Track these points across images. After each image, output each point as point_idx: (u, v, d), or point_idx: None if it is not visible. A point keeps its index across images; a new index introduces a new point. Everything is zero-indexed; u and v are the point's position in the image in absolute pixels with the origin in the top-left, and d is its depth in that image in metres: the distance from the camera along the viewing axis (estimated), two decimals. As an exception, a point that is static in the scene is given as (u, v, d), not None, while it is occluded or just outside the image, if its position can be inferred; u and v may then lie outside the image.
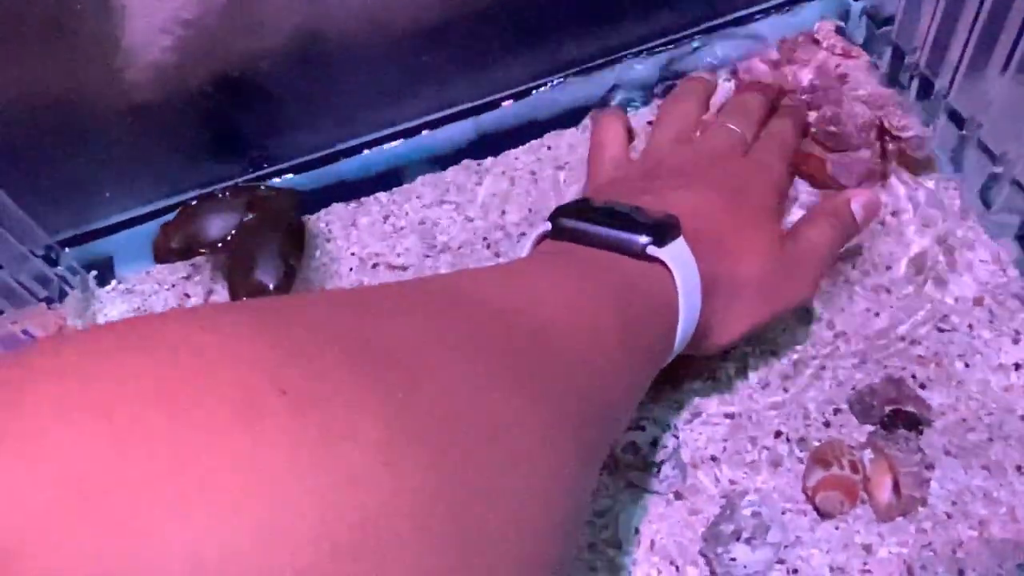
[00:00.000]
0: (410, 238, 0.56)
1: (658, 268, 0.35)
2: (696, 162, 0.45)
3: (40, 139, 0.51)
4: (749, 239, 0.40)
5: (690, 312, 0.36)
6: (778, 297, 0.41)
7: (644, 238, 0.35)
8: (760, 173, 0.45)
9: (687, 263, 0.36)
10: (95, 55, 0.51)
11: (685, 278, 0.35)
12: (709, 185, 0.42)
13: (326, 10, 0.53)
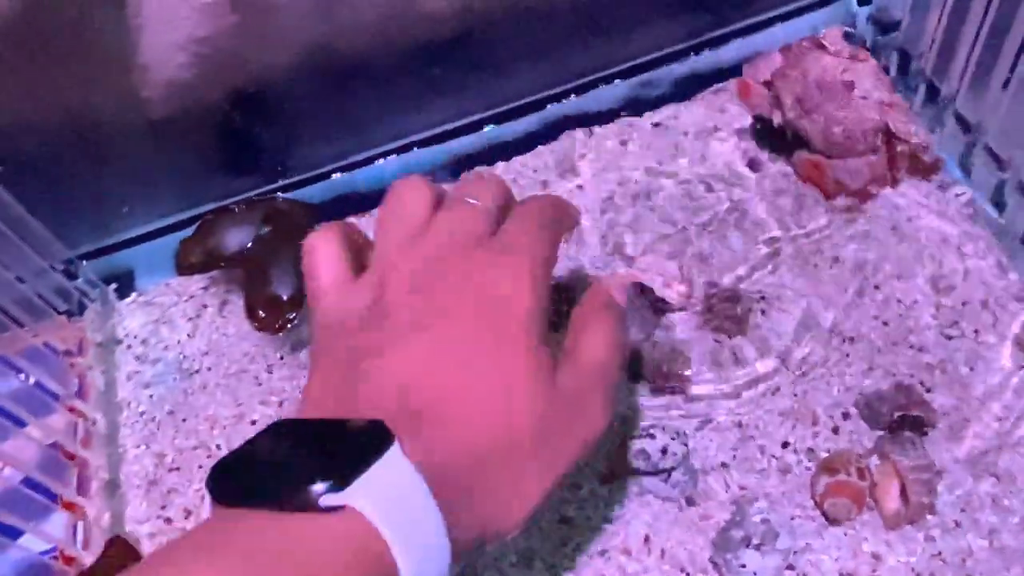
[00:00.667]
0: (422, 247, 0.56)
1: (353, 514, 0.26)
2: (428, 269, 0.33)
3: (59, 154, 0.52)
4: (508, 378, 0.31)
5: (419, 545, 0.26)
6: (565, 446, 0.32)
7: (318, 486, 0.26)
8: (517, 271, 0.33)
9: (397, 486, 0.27)
10: (113, 72, 0.52)
11: (395, 512, 0.26)
12: (448, 312, 0.32)
13: (338, 25, 0.54)
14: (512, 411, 0.30)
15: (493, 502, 0.30)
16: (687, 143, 0.57)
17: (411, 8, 0.54)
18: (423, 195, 0.36)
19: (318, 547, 0.25)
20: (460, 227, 0.35)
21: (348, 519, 0.26)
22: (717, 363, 0.48)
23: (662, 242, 0.53)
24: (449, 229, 0.35)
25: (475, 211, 0.35)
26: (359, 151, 0.60)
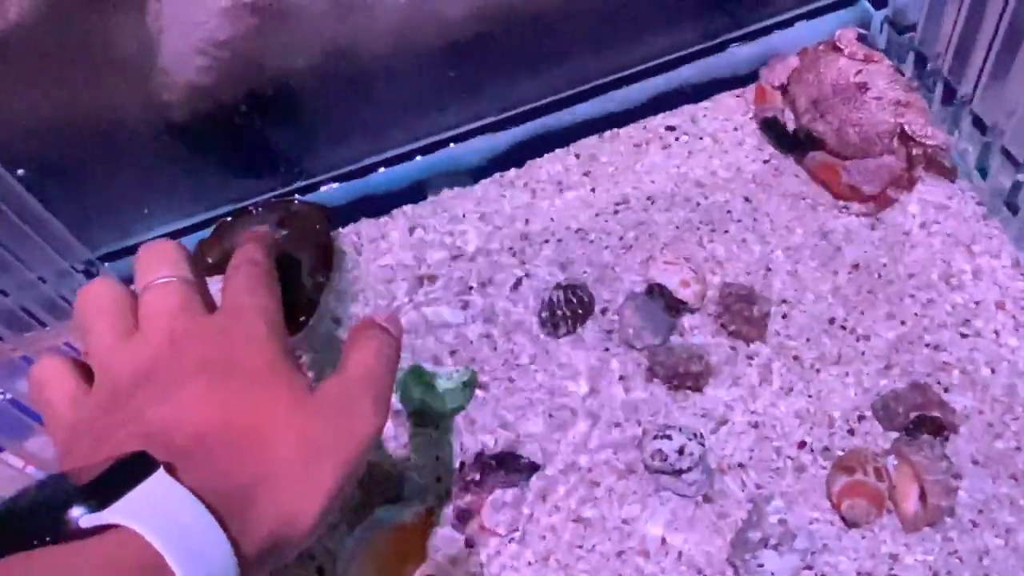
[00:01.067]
0: (437, 249, 0.57)
1: (122, 533, 0.27)
2: (155, 353, 0.34)
3: (81, 157, 0.53)
4: (267, 414, 0.33)
5: (196, 553, 0.27)
6: (339, 448, 0.33)
7: (75, 510, 0.26)
8: (240, 322, 0.36)
9: (164, 503, 0.28)
10: (133, 76, 0.52)
11: (164, 524, 0.27)
12: (183, 378, 0.33)
13: (355, 29, 0.54)
14: (270, 439, 0.32)
15: (276, 515, 0.31)
16: (702, 145, 0.57)
17: (428, 12, 0.54)
18: (114, 293, 0.37)
19: (88, 568, 0.26)
20: (164, 300, 0.36)
21: (119, 540, 0.26)
22: (733, 364, 0.48)
23: (677, 243, 0.53)
24: (154, 314, 0.36)
25: (171, 288, 0.36)
26: (375, 153, 0.61)
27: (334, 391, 0.35)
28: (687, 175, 0.56)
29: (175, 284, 0.36)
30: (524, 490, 0.46)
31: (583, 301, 0.51)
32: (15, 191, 0.46)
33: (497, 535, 0.45)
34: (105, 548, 0.26)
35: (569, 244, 0.55)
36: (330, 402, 0.35)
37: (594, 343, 0.50)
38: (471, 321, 0.53)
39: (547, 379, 0.50)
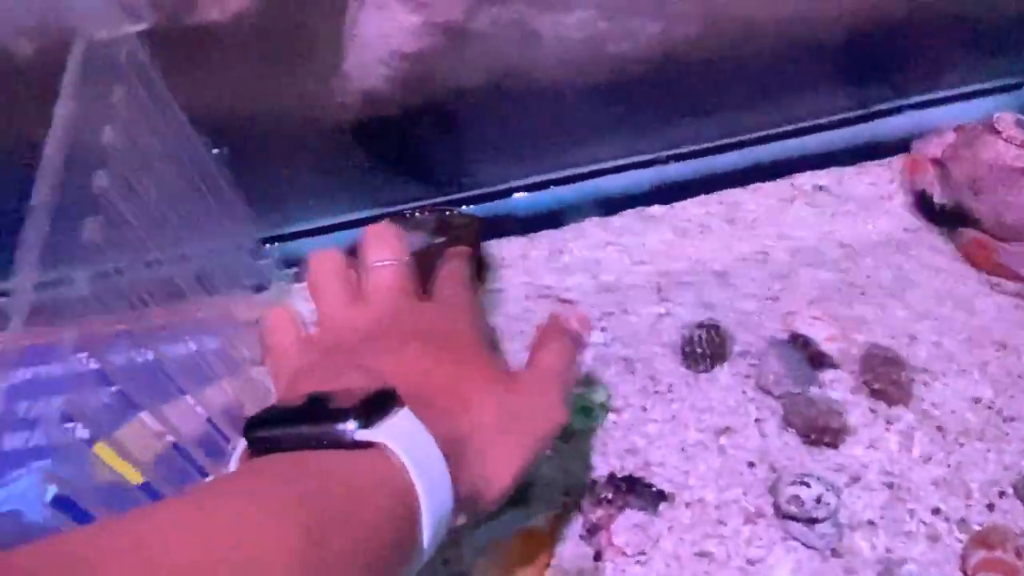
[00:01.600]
0: (578, 275, 0.59)
1: (379, 452, 0.30)
2: (378, 319, 0.39)
3: (267, 144, 0.56)
4: (476, 385, 0.36)
5: (433, 485, 0.31)
6: (529, 432, 0.37)
7: (350, 424, 0.30)
8: (451, 308, 0.41)
9: (413, 435, 0.31)
10: (318, 76, 0.56)
11: (414, 452, 0.31)
12: (410, 341, 0.37)
13: (529, 57, 0.57)
14: (475, 404, 0.36)
15: (475, 473, 0.34)
16: (849, 208, 0.58)
17: (600, 49, 0.57)
18: (344, 263, 0.42)
19: (355, 472, 0.29)
20: (388, 277, 0.41)
21: (375, 456, 0.30)
22: (871, 424, 0.49)
23: (821, 300, 0.54)
24: (378, 287, 0.41)
25: (394, 269, 0.42)
26: (525, 176, 0.63)
27: (528, 379, 0.39)
28: (832, 235, 0.57)
29: (398, 266, 0.42)
30: (652, 516, 0.47)
31: (723, 342, 0.52)
32: (213, 167, 0.50)
33: (624, 554, 0.46)
34: (372, 461, 0.30)
35: (710, 286, 0.56)
36: (525, 387, 0.38)
37: (730, 384, 0.51)
38: (609, 345, 0.54)
39: (681, 412, 0.51)
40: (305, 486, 0.28)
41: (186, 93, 0.47)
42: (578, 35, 0.54)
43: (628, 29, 0.55)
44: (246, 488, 0.28)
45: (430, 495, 0.31)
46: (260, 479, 0.29)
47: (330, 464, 0.30)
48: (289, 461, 0.30)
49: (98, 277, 0.35)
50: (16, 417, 0.29)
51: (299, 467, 0.30)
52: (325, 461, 0.30)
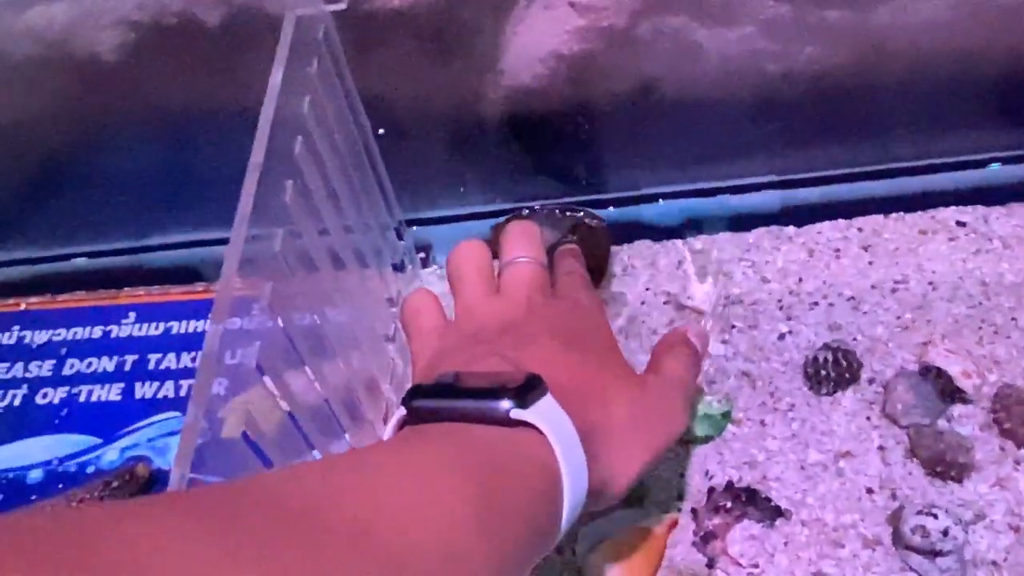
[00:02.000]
0: (705, 285, 0.59)
1: (529, 432, 0.32)
2: (515, 312, 0.41)
3: (425, 130, 0.59)
4: (608, 381, 0.38)
5: (575, 469, 0.32)
6: (655, 432, 0.38)
7: (506, 403, 0.31)
8: (582, 307, 0.43)
9: (559, 419, 0.33)
10: (480, 70, 0.58)
11: (560, 435, 0.32)
12: (546, 335, 0.39)
13: (682, 68, 0.58)
14: (609, 400, 0.37)
15: (603, 465, 0.35)
16: (991, 247, 0.58)
17: (752, 65, 0.58)
18: (487, 254, 0.44)
19: (516, 447, 0.31)
20: (525, 274, 0.43)
21: (530, 436, 0.32)
22: (1000, 463, 0.48)
23: (956, 334, 0.53)
24: (517, 284, 0.42)
25: (529, 265, 0.43)
26: (659, 184, 0.64)
27: (655, 382, 0.40)
28: (972, 272, 0.57)
29: (534, 265, 0.43)
30: (769, 529, 0.47)
31: (851, 366, 0.52)
32: (373, 147, 0.52)
33: (738, 564, 0.46)
34: (528, 440, 0.32)
35: (840, 309, 0.56)
36: (653, 389, 0.40)
37: (855, 409, 0.51)
38: (731, 358, 0.55)
39: (802, 431, 0.51)
40: (476, 450, 0.30)
41: (361, 74, 0.50)
42: (737, 50, 0.55)
43: (787, 50, 0.55)
44: (423, 446, 0.31)
45: (572, 479, 0.32)
46: (431, 441, 0.31)
47: (493, 437, 0.31)
48: (456, 429, 0.32)
49: (288, 238, 0.38)
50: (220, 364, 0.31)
51: (467, 435, 0.31)
52: (488, 434, 0.31)
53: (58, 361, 0.61)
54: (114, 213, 0.66)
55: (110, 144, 0.63)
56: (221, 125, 0.58)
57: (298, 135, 0.39)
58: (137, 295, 0.64)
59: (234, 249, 0.32)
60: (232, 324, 0.31)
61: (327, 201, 0.43)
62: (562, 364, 0.37)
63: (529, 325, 0.39)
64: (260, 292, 0.34)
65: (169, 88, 0.59)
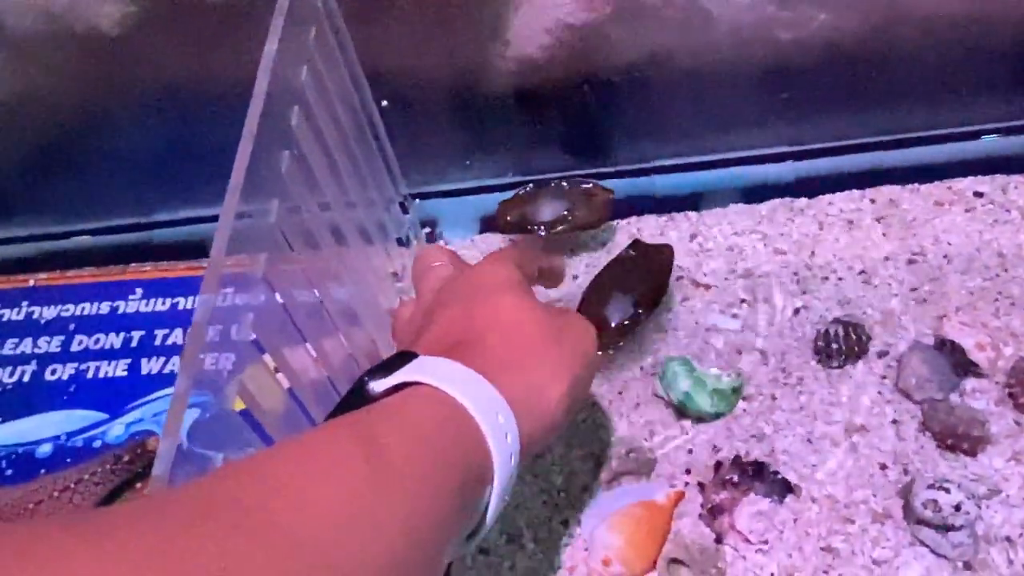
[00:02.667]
0: (717, 259, 0.58)
1: (419, 391, 0.33)
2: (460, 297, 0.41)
3: (429, 102, 0.58)
4: (518, 319, 0.38)
5: (485, 403, 0.33)
6: (570, 351, 0.39)
7: (370, 383, 0.33)
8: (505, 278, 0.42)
9: (440, 366, 0.34)
10: (482, 40, 0.57)
11: (439, 375, 0.33)
12: (446, 303, 0.40)
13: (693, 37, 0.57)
14: (524, 330, 0.38)
15: (533, 380, 0.36)
16: (1009, 217, 0.56)
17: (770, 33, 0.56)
18: (446, 256, 0.44)
19: (404, 408, 0.32)
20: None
21: (410, 391, 0.32)
22: (1015, 437, 0.47)
23: (971, 307, 0.52)
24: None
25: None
26: (671, 156, 0.63)
27: (559, 316, 0.40)
28: (990, 243, 0.55)
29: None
30: (777, 505, 0.47)
31: (861, 340, 0.51)
32: (376, 119, 0.51)
33: (746, 540, 0.46)
34: (397, 398, 0.32)
35: (851, 283, 0.55)
36: (557, 322, 0.39)
37: (865, 383, 0.51)
38: (742, 331, 0.54)
39: (812, 404, 0.50)
40: (367, 423, 0.31)
41: (363, 44, 0.49)
42: (748, 17, 0.54)
43: (799, 16, 0.54)
44: (321, 434, 0.30)
45: (484, 413, 0.32)
46: (328, 427, 0.31)
47: (386, 410, 0.32)
48: (353, 415, 0.31)
49: (285, 210, 0.37)
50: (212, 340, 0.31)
51: (361, 415, 0.31)
52: (381, 408, 0.32)
53: (67, 337, 0.61)
54: (121, 189, 0.66)
55: (116, 120, 0.62)
56: (226, 98, 0.58)
57: (295, 105, 0.38)
58: (144, 271, 0.63)
59: (225, 220, 0.31)
60: (226, 297, 0.31)
61: (328, 174, 0.43)
62: (481, 318, 0.38)
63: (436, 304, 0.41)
64: (255, 265, 0.34)
65: (173, 62, 0.58)
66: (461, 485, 0.31)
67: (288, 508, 0.25)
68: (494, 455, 0.32)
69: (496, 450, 0.32)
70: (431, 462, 0.30)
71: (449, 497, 0.30)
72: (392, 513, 0.27)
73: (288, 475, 0.26)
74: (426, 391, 0.32)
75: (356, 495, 0.27)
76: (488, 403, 0.33)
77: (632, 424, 0.51)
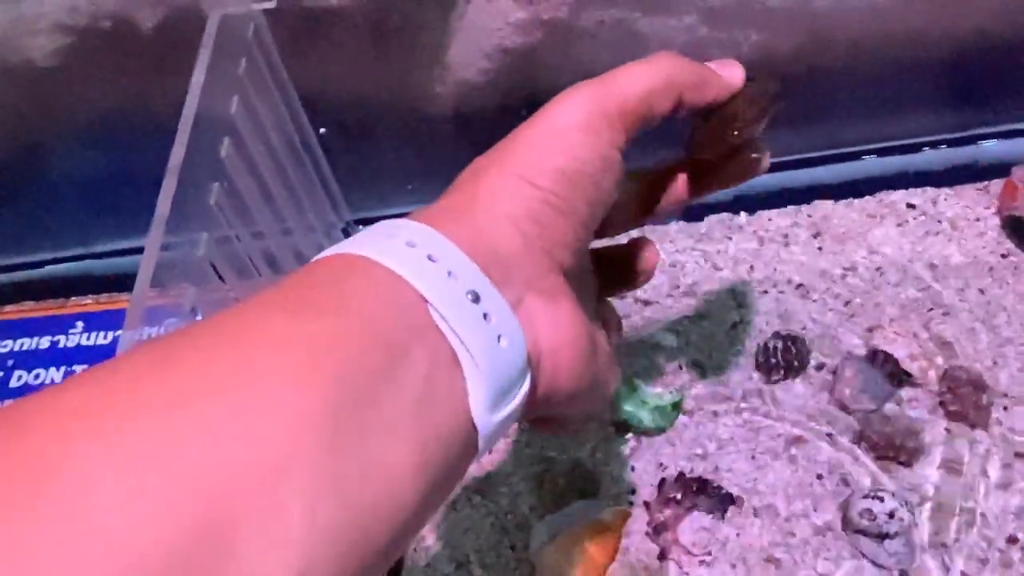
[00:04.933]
0: (658, 276, 0.59)
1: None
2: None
3: (369, 127, 0.58)
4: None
5: (434, 273, 0.24)
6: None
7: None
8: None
9: (399, 245, 0.25)
10: (420, 64, 0.58)
11: (394, 255, 0.24)
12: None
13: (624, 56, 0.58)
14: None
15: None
16: (939, 228, 0.58)
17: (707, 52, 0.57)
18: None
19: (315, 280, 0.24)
20: None
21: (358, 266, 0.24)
22: (948, 445, 0.48)
23: (905, 318, 0.53)
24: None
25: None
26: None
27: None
28: (921, 255, 0.57)
29: None
30: (720, 519, 0.47)
31: (800, 354, 0.52)
32: (314, 146, 0.52)
33: (690, 554, 0.46)
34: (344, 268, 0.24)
35: (790, 297, 0.56)
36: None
37: (805, 396, 0.51)
38: (683, 349, 0.55)
39: (753, 419, 0.51)
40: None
41: (298, 72, 0.49)
42: (682, 38, 0.55)
43: (733, 38, 0.55)
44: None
45: (429, 281, 0.23)
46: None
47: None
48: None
49: (215, 242, 0.37)
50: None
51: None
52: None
53: (5, 373, 0.60)
54: (60, 220, 0.65)
55: (51, 150, 0.62)
56: (162, 128, 0.57)
57: (225, 136, 0.38)
58: (84, 304, 0.63)
59: (150, 254, 0.31)
60: (150, 331, 0.31)
61: (261, 203, 0.43)
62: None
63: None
64: (183, 297, 0.34)
65: (108, 92, 0.58)
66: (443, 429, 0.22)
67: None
68: (454, 341, 0.23)
69: (462, 331, 0.23)
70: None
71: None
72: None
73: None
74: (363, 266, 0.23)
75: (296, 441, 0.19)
76: (447, 270, 0.24)
77: (577, 444, 0.52)
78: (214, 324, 0.21)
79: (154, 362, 0.20)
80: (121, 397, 0.18)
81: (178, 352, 0.20)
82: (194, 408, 0.18)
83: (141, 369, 0.19)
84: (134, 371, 0.19)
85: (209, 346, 0.20)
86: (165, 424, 0.18)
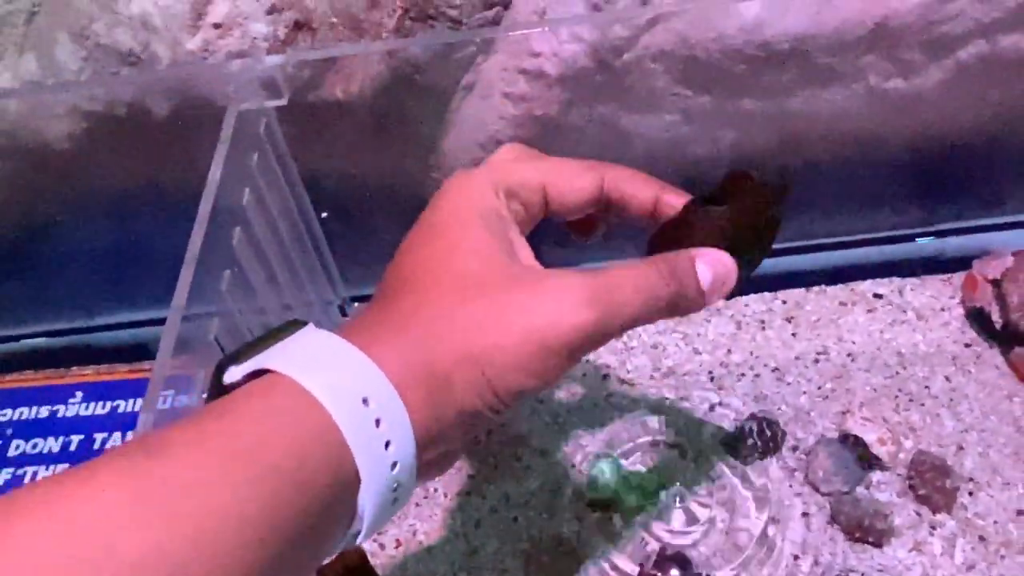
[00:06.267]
0: (640, 357, 0.62)
1: (265, 380, 0.27)
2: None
3: (359, 211, 0.61)
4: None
5: (339, 384, 0.27)
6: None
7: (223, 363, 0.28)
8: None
9: (307, 348, 0.28)
10: (420, 154, 0.61)
11: (297, 359, 0.27)
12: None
13: (610, 150, 0.62)
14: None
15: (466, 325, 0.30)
16: (906, 317, 0.61)
17: (684, 149, 0.61)
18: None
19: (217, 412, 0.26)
20: None
21: (263, 383, 0.26)
22: (916, 529, 0.50)
23: (873, 403, 0.56)
24: None
25: None
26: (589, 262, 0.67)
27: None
28: (889, 342, 0.60)
29: None
30: (698, 597, 0.49)
31: (775, 436, 0.55)
32: (316, 230, 0.54)
33: (668, 632, 0.48)
34: (244, 393, 0.26)
35: (766, 380, 0.59)
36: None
37: (779, 477, 0.54)
38: (666, 427, 0.57)
39: (729, 499, 0.53)
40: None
41: (303, 160, 0.53)
42: (664, 136, 0.59)
43: (712, 136, 0.59)
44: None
45: (327, 387, 0.26)
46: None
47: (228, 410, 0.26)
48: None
49: (223, 317, 0.40)
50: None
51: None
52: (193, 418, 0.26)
53: (3, 442, 0.61)
54: (63, 294, 0.68)
55: (59, 227, 0.64)
56: (168, 208, 0.60)
57: (236, 226, 0.41)
58: (84, 374, 0.64)
59: (166, 345, 0.33)
60: (167, 407, 0.33)
61: (266, 284, 0.45)
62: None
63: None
64: (194, 377, 0.36)
65: (118, 173, 0.61)
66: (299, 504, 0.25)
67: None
68: (355, 451, 0.26)
69: (357, 444, 0.26)
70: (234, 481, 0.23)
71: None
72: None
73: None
74: (273, 379, 0.26)
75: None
76: (351, 384, 0.27)
77: (561, 520, 0.53)
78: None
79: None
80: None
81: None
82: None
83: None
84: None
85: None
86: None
